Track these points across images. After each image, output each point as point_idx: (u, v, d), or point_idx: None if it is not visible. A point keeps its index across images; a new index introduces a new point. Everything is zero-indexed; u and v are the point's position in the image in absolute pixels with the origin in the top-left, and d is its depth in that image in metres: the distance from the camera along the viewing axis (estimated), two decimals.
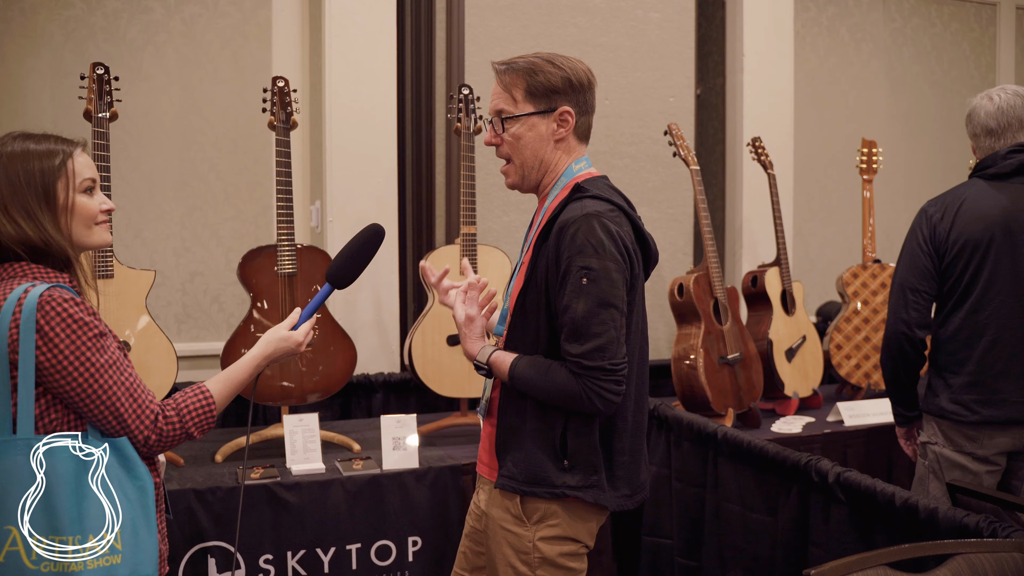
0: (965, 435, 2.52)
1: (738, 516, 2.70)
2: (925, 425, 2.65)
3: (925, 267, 2.57)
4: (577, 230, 1.75)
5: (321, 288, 1.94)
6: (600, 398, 1.74)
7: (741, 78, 4.26)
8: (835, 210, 5.04)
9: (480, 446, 2.03)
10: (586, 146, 1.97)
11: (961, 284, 2.54)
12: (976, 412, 2.49)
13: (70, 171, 1.68)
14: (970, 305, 2.53)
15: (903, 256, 2.65)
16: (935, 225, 2.57)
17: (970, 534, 1.87)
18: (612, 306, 1.75)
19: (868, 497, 2.19)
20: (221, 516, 2.60)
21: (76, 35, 3.67)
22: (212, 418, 1.75)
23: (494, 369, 1.87)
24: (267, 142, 3.94)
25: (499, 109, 1.90)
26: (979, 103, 2.62)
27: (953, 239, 2.54)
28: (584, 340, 1.74)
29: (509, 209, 3.85)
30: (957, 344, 2.56)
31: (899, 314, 2.59)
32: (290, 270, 2.91)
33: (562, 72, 1.86)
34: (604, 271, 1.74)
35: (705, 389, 3.23)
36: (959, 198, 2.58)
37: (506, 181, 1.97)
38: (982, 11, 5.49)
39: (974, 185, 2.60)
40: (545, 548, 1.83)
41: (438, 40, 3.74)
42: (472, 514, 2.06)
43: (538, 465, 1.81)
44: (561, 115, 1.88)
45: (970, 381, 2.52)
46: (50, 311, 1.56)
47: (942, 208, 2.59)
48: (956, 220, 2.54)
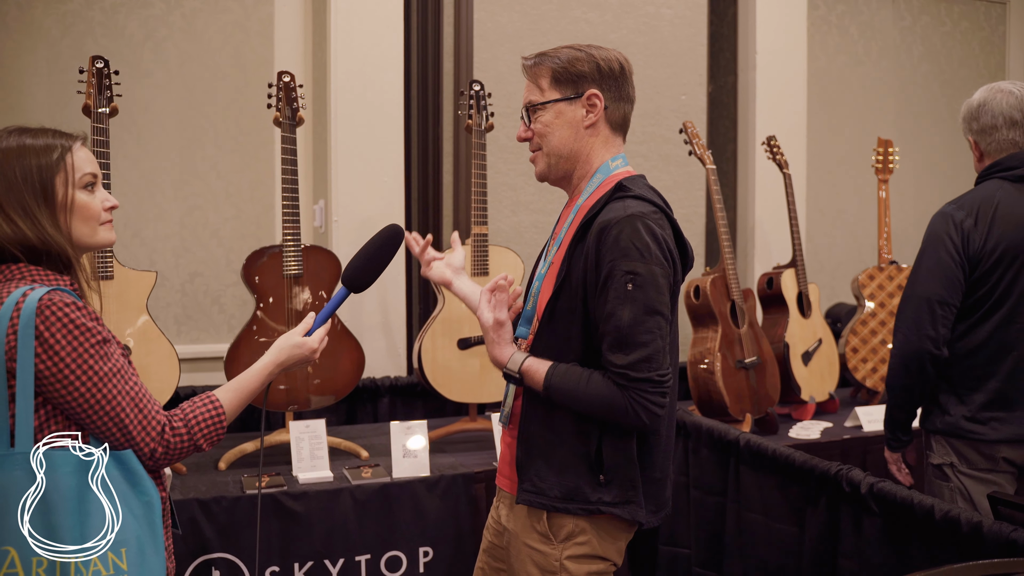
0: (982, 453, 2.37)
1: (761, 526, 2.61)
2: (935, 446, 2.45)
3: (956, 278, 2.34)
4: (621, 232, 1.66)
5: (336, 291, 1.85)
6: (646, 411, 1.65)
7: (754, 76, 4.18)
8: (844, 210, 4.96)
9: (500, 458, 1.93)
10: (623, 141, 1.87)
11: (993, 295, 2.35)
12: (997, 430, 2.33)
13: (69, 166, 1.58)
14: (1000, 317, 2.35)
15: (926, 265, 2.39)
16: (968, 232, 2.34)
17: (1019, 550, 1.79)
18: (659, 313, 1.66)
19: (904, 509, 2.10)
20: (226, 527, 2.50)
21: (74, 30, 3.58)
22: (222, 429, 1.66)
23: (526, 378, 1.75)
24: (269, 140, 3.85)
25: (528, 101, 1.83)
26: (992, 96, 2.40)
27: (991, 247, 2.32)
28: (630, 350, 1.64)
29: (519, 209, 3.77)
30: (981, 359, 2.37)
31: (924, 330, 2.34)
32: (296, 271, 2.82)
33: (588, 56, 1.79)
34: (651, 276, 1.65)
35: (723, 394, 3.14)
36: (990, 202, 2.36)
37: (535, 171, 1.87)
38: (992, 10, 5.43)
39: (999, 188, 2.38)
40: (573, 567, 1.74)
41: (446, 36, 3.65)
42: (490, 528, 1.96)
43: (571, 480, 1.72)
44: (589, 99, 1.79)
45: (993, 398, 2.35)
46: (50, 316, 1.46)
47: (972, 213, 2.35)
48: (993, 226, 2.33)
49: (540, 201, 3.74)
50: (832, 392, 3.65)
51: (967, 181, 5.23)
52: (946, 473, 2.42)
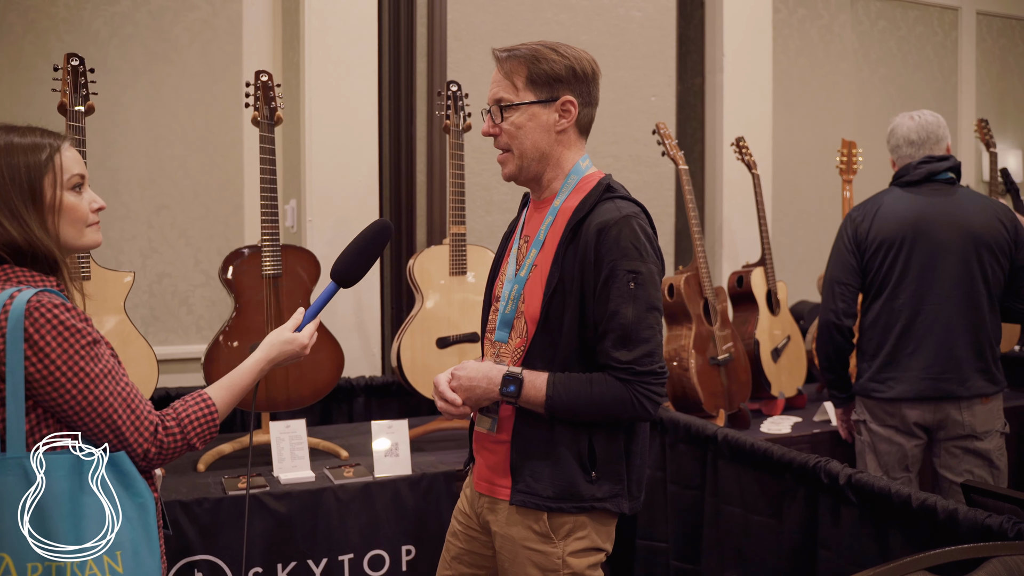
0: (885, 410, 2.88)
1: (739, 519, 2.66)
2: (856, 405, 3.00)
3: (849, 263, 2.94)
4: (620, 232, 1.70)
5: (326, 287, 1.84)
6: (650, 402, 1.71)
7: (721, 78, 4.25)
8: (804, 210, 5.06)
9: (481, 464, 1.90)
10: (585, 142, 1.88)
11: (879, 277, 2.91)
12: (892, 388, 2.84)
13: (57, 167, 1.56)
14: (887, 295, 2.89)
15: (832, 255, 3.01)
16: (857, 227, 2.95)
17: (994, 535, 1.85)
18: (657, 309, 1.74)
19: (882, 499, 2.16)
20: (208, 528, 2.48)
21: (36, 26, 3.51)
22: (215, 427, 1.65)
23: (526, 405, 1.75)
24: (238, 139, 3.82)
25: (499, 98, 1.81)
26: (900, 121, 3.00)
27: (872, 239, 2.90)
28: (633, 346, 1.69)
29: (492, 209, 3.78)
30: (877, 329, 2.92)
31: (828, 305, 2.96)
32: (275, 271, 2.80)
33: (566, 61, 1.78)
34: (649, 275, 1.72)
35: (697, 390, 3.19)
36: (877, 203, 2.96)
37: (503, 171, 1.86)
38: (944, 16, 5.58)
39: (891, 192, 2.98)
40: (574, 563, 1.77)
41: (419, 36, 3.65)
42: (459, 535, 1.97)
43: (566, 479, 1.74)
44: (563, 105, 1.79)
45: (886, 361, 2.87)
46: (39, 318, 1.44)
47: (863, 212, 2.96)
48: (874, 222, 2.91)
49: (513, 201, 3.76)
50: (800, 388, 3.73)
51: None
52: (860, 428, 2.98)
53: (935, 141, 2.94)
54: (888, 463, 2.87)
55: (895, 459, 2.87)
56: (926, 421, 2.84)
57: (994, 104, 5.77)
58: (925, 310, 2.83)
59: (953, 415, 2.81)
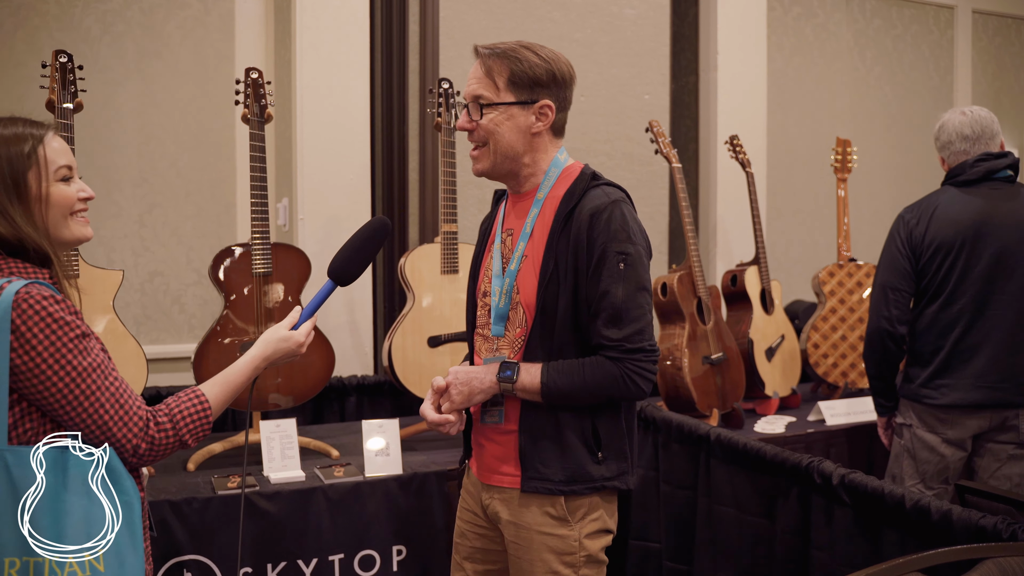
0: (937, 417, 2.74)
1: (732, 519, 2.65)
2: (902, 409, 2.87)
3: (903, 268, 2.80)
4: (611, 215, 1.75)
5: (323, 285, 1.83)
6: (642, 379, 1.76)
7: (715, 76, 4.24)
8: (800, 209, 5.06)
9: (487, 456, 1.90)
10: (561, 141, 1.91)
11: (936, 281, 2.76)
12: (945, 395, 2.71)
13: (42, 159, 1.54)
14: (943, 300, 2.75)
15: (884, 258, 2.87)
16: (911, 230, 2.81)
17: (988, 536, 1.84)
18: (646, 290, 1.79)
19: (875, 499, 2.15)
20: (197, 528, 2.46)
21: (28, 23, 3.49)
22: (208, 424, 1.63)
23: (522, 393, 1.80)
24: (230, 137, 3.80)
25: (478, 95, 1.83)
26: (951, 116, 2.84)
27: (928, 242, 2.76)
28: (624, 324, 1.74)
29: (484, 207, 3.77)
30: (932, 335, 2.78)
31: (880, 311, 2.81)
32: (265, 269, 2.78)
33: (547, 65, 1.82)
34: (638, 256, 1.77)
35: (691, 390, 3.18)
36: (932, 204, 2.80)
37: (474, 167, 1.89)
38: (940, 14, 5.58)
39: (946, 192, 2.82)
40: (589, 544, 1.82)
41: (411, 34, 3.63)
42: (466, 535, 1.98)
43: (575, 462, 1.79)
44: (541, 108, 1.83)
45: (940, 368, 2.74)
46: (27, 309, 1.42)
47: (918, 214, 2.82)
48: (930, 225, 2.76)
49: None
50: (794, 387, 3.71)
51: (918, 180, 5.36)
52: (903, 431, 2.85)
53: (990, 136, 2.79)
54: (927, 472, 2.76)
55: (935, 469, 2.75)
56: (982, 428, 2.71)
57: (990, 102, 5.76)
58: (985, 316, 2.69)
59: (1010, 421, 2.69)
